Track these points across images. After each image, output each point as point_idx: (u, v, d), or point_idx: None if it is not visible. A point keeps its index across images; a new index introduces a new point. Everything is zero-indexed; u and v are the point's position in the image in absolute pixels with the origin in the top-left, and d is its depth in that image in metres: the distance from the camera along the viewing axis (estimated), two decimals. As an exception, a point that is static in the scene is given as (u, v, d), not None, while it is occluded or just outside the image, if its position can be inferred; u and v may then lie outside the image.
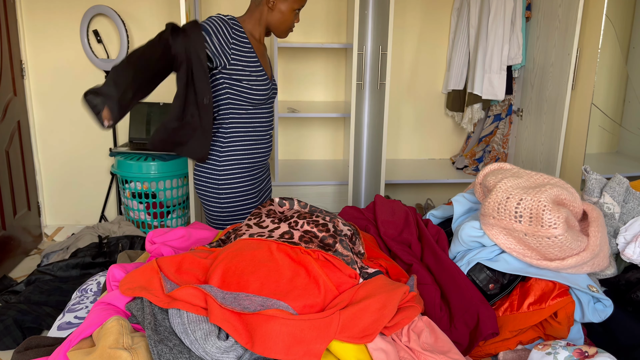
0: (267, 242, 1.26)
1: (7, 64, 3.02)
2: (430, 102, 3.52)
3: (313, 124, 3.50)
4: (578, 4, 2.59)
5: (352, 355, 1.02)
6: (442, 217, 1.73)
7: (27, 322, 2.26)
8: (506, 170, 1.44)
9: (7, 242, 2.98)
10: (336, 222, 1.40)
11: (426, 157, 3.65)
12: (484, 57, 3.05)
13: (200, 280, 1.20)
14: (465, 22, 3.18)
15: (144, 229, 3.20)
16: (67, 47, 3.28)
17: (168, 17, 3.28)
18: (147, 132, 3.36)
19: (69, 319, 1.46)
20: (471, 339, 1.26)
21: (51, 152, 3.44)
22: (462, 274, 1.36)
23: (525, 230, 1.28)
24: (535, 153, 3.06)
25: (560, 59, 2.77)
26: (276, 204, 1.53)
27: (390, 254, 1.52)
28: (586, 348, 1.04)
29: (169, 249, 1.44)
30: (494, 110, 3.31)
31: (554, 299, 1.24)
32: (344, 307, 1.09)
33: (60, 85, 3.33)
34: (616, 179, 1.56)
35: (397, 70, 3.41)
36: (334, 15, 3.33)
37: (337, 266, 1.21)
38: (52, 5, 3.22)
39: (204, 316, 1.05)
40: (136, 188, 3.11)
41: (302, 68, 3.38)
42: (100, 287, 1.62)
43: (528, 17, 3.11)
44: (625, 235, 1.46)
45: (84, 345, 1.02)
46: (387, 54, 2.79)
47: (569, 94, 2.71)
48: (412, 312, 1.14)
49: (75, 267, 2.61)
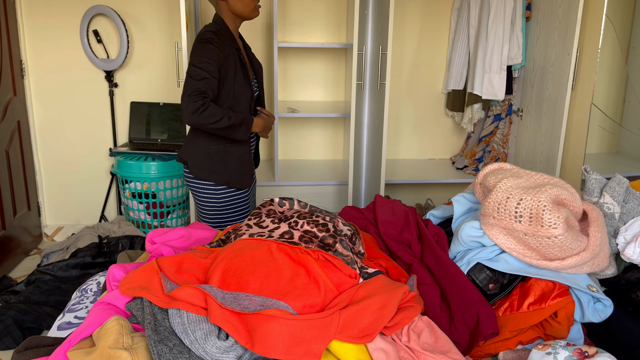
0: (267, 242, 1.26)
1: (7, 64, 3.02)
2: (430, 102, 3.52)
3: (313, 124, 3.50)
4: (578, 4, 2.59)
5: (352, 355, 1.02)
6: (442, 217, 1.73)
7: (27, 322, 2.26)
8: (506, 170, 1.44)
9: (7, 242, 2.98)
10: (336, 222, 1.40)
11: (426, 157, 3.65)
12: (484, 57, 3.05)
13: (200, 280, 1.20)
14: (465, 22, 3.18)
15: (144, 229, 3.20)
16: (67, 47, 3.28)
17: (168, 17, 3.29)
18: (147, 132, 3.36)
19: (69, 319, 1.46)
20: (471, 339, 1.26)
21: (51, 152, 3.44)
22: (462, 274, 1.36)
23: (525, 230, 1.28)
24: (535, 153, 3.06)
25: (560, 59, 2.77)
26: (276, 204, 1.53)
27: (390, 254, 1.52)
28: (586, 348, 1.04)
29: (169, 249, 1.44)
30: (494, 110, 3.31)
31: (554, 299, 1.24)
32: (344, 307, 1.09)
33: (60, 85, 3.34)
34: (616, 179, 1.56)
35: (397, 70, 3.41)
36: (334, 15, 3.33)
37: (337, 266, 1.21)
38: (52, 5, 3.22)
39: (204, 316, 1.05)
40: (136, 188, 3.11)
41: (302, 68, 3.39)
42: (100, 287, 1.62)
43: (528, 17, 3.11)
44: (625, 235, 1.46)
45: (84, 345, 1.02)
46: (387, 54, 2.79)
47: (569, 94, 2.71)
48: (412, 312, 1.14)
49: (75, 267, 2.61)
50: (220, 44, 1.89)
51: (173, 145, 3.26)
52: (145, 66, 3.36)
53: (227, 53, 1.91)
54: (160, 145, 3.28)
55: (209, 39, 1.86)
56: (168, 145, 3.26)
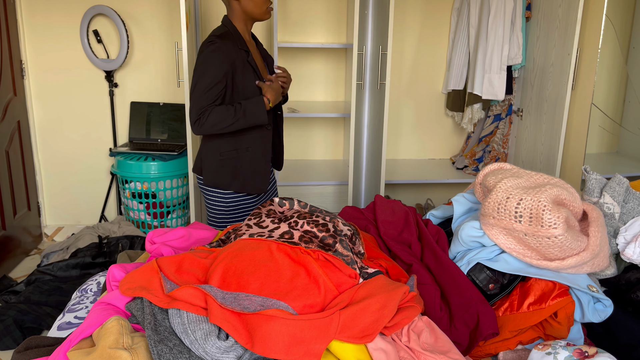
0: (267, 242, 1.26)
1: (7, 64, 3.02)
2: (430, 102, 3.52)
3: (313, 124, 3.50)
4: (578, 4, 2.59)
5: (352, 355, 1.02)
6: (442, 217, 1.73)
7: (27, 322, 2.26)
8: (506, 170, 1.44)
9: (7, 242, 2.98)
10: (336, 222, 1.40)
11: (426, 157, 3.65)
12: (484, 57, 3.05)
13: (200, 280, 1.20)
14: (465, 22, 3.18)
15: (144, 229, 3.20)
16: (67, 47, 3.28)
17: (168, 17, 3.29)
18: (147, 132, 3.36)
19: (69, 319, 1.46)
20: (471, 339, 1.26)
21: (51, 152, 3.44)
22: (462, 274, 1.36)
23: (525, 230, 1.28)
24: (535, 153, 3.06)
25: (560, 59, 2.77)
26: (276, 204, 1.53)
27: (390, 254, 1.52)
28: (586, 348, 1.04)
29: (169, 249, 1.44)
30: (494, 110, 3.31)
31: (554, 299, 1.24)
32: (344, 307, 1.09)
33: (60, 85, 3.34)
34: (616, 179, 1.56)
35: (397, 70, 3.41)
36: (334, 15, 3.33)
37: (337, 266, 1.21)
38: (52, 5, 3.22)
39: (204, 316, 1.05)
40: (136, 188, 3.11)
41: (302, 68, 3.38)
42: (100, 287, 1.62)
43: (528, 17, 3.11)
44: (625, 235, 1.46)
45: (84, 345, 1.02)
46: (387, 54, 2.79)
47: (569, 94, 2.70)
48: (412, 312, 1.14)
49: (75, 267, 2.61)
50: (226, 47, 1.88)
51: (173, 145, 3.26)
52: (145, 66, 3.36)
53: (235, 56, 1.90)
54: (160, 145, 3.28)
55: (213, 44, 1.86)
56: (168, 145, 3.26)
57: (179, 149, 3.21)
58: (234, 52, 1.90)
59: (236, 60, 1.90)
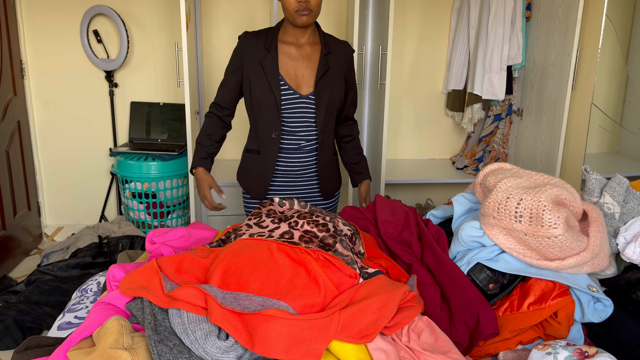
0: (267, 242, 1.26)
1: (7, 64, 3.02)
2: (430, 102, 3.52)
3: (313, 124, 3.49)
4: (578, 4, 2.59)
5: (352, 355, 1.02)
6: (442, 217, 1.72)
7: (27, 322, 2.26)
8: (506, 170, 1.44)
9: (7, 242, 2.98)
10: (336, 222, 1.40)
11: (426, 157, 3.65)
12: (484, 57, 3.05)
13: (200, 280, 1.20)
14: (465, 22, 3.18)
15: (144, 229, 3.19)
16: (67, 47, 3.28)
17: (168, 17, 3.29)
18: (147, 132, 3.36)
19: (69, 319, 1.46)
20: (471, 339, 1.25)
21: (51, 152, 3.44)
22: (462, 274, 1.36)
23: (525, 230, 1.28)
24: (535, 153, 3.06)
25: (560, 59, 2.77)
26: (276, 204, 1.53)
27: (390, 254, 1.52)
28: (586, 348, 1.04)
29: (169, 249, 1.44)
30: (494, 110, 3.31)
31: (554, 298, 1.24)
32: (344, 307, 1.09)
33: (60, 85, 3.34)
34: (616, 179, 1.56)
35: (397, 70, 3.41)
36: (334, 15, 3.33)
37: (337, 266, 1.21)
38: (52, 5, 3.22)
39: (204, 316, 1.05)
40: (136, 188, 3.11)
41: (302, 68, 3.38)
42: (100, 287, 1.62)
43: (528, 17, 3.11)
44: (625, 235, 1.46)
45: (84, 345, 1.02)
46: (387, 54, 2.79)
47: (569, 94, 2.71)
48: (412, 312, 1.14)
49: (75, 267, 2.61)
50: (243, 44, 1.87)
51: (173, 145, 3.26)
52: (145, 66, 3.36)
53: (251, 54, 1.85)
54: (160, 145, 3.28)
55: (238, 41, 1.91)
56: (168, 145, 3.26)
57: (179, 149, 3.21)
58: (252, 50, 1.85)
59: (250, 58, 1.85)
